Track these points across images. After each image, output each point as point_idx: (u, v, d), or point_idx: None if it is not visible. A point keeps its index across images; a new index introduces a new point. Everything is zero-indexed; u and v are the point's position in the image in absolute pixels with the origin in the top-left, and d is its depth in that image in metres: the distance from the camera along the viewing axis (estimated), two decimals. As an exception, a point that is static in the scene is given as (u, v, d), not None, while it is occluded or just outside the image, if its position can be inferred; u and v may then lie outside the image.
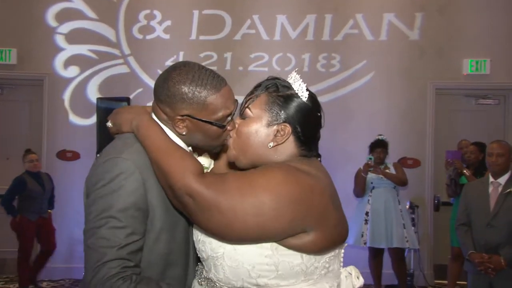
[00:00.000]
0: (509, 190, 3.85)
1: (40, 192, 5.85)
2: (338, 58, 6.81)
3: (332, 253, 1.56)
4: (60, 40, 6.78)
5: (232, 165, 1.73)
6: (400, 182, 5.73)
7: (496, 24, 6.76)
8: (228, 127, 1.63)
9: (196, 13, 6.82)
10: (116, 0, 6.81)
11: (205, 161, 1.75)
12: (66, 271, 6.56)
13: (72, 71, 6.77)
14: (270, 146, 1.59)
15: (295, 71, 1.66)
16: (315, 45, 6.84)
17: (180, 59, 6.72)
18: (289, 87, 1.62)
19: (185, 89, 1.53)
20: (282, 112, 1.59)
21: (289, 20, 6.85)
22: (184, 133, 1.59)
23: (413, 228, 5.88)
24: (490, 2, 6.80)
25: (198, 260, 1.70)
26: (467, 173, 5.54)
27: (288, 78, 1.65)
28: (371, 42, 6.82)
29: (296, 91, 1.61)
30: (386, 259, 5.86)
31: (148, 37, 6.83)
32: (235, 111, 1.64)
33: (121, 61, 6.83)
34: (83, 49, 6.78)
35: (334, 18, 6.82)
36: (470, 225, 4.04)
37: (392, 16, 6.81)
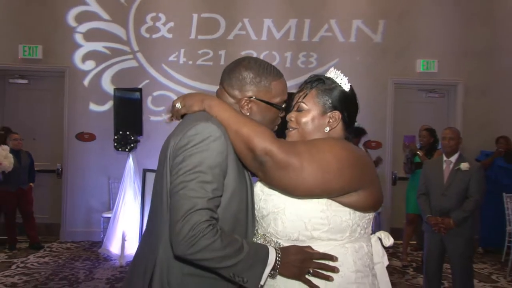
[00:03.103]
0: (458, 167, 4.00)
1: (17, 167, 5.88)
2: (315, 56, 6.91)
3: (370, 216, 1.58)
4: (78, 38, 6.75)
5: None
6: None
7: (443, 30, 6.94)
8: (280, 115, 1.65)
9: (195, 16, 6.82)
10: (126, 4, 6.78)
11: None
12: (85, 234, 6.64)
13: (89, 64, 6.75)
14: (326, 130, 1.59)
15: (333, 67, 1.68)
16: (296, 45, 6.91)
17: (181, 56, 6.78)
18: (332, 80, 1.63)
19: (254, 73, 1.56)
20: (331, 101, 1.59)
21: (274, 23, 6.89)
22: (248, 113, 1.57)
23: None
24: (439, 12, 6.95)
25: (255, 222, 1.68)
26: (420, 153, 5.70)
27: (328, 73, 1.65)
28: (342, 44, 6.92)
29: (339, 83, 1.62)
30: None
31: (154, 36, 6.81)
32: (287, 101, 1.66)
33: (130, 56, 6.80)
34: (98, 46, 6.76)
35: (312, 23, 6.90)
36: (429, 194, 4.16)
37: (360, 22, 6.93)
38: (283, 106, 1.63)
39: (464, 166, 3.99)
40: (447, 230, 3.92)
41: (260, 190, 1.59)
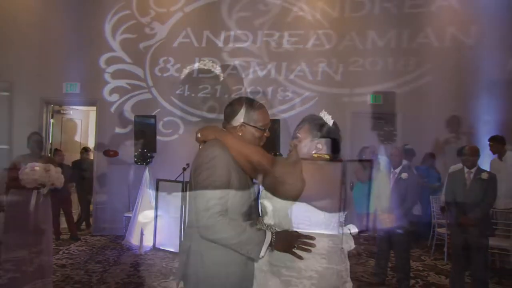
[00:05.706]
0: (400, 176, 4.16)
1: None
2: (291, 90, 7.02)
3: (341, 213, 1.74)
4: (107, 77, 6.85)
5: None
6: None
7: (387, 73, 7.06)
8: (265, 134, 1.83)
9: (197, 59, 6.93)
10: (144, 50, 6.91)
11: None
12: (111, 229, 6.65)
13: (114, 97, 6.85)
14: (313, 153, 1.75)
15: (324, 110, 1.82)
16: (275, 81, 7.03)
17: (186, 90, 6.85)
18: (320, 119, 1.79)
19: (242, 107, 1.80)
20: (319, 133, 1.75)
21: (258, 65, 7.01)
22: (240, 134, 1.79)
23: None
24: (382, 60, 7.06)
25: (257, 214, 1.84)
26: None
27: (320, 113, 1.81)
28: (312, 81, 7.03)
29: (326, 121, 1.77)
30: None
31: (165, 74, 6.91)
32: (269, 124, 1.84)
33: (146, 90, 6.90)
34: (122, 83, 6.87)
35: (288, 65, 7.03)
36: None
37: (324, 65, 7.07)
38: (265, 128, 1.83)
39: (404, 175, 4.16)
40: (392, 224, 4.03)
41: (265, 194, 1.76)
